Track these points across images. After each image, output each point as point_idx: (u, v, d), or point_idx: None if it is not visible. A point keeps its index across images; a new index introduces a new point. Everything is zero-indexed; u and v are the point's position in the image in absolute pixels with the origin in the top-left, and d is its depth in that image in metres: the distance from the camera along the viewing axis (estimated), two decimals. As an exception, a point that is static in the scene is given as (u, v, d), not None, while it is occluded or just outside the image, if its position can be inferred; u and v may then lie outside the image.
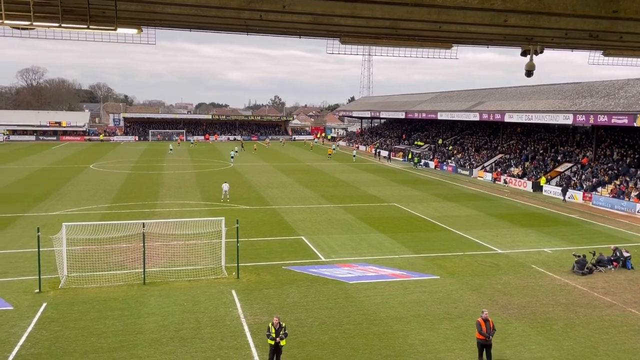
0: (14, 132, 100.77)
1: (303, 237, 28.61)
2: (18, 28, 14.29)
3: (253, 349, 15.61)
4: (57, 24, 12.68)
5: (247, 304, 18.96)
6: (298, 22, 16.56)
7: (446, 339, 16.54)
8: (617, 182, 42.25)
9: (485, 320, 14.80)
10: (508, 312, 18.78)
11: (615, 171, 44.63)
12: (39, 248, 20.23)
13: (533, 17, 15.50)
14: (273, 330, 14.37)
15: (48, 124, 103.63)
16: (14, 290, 19.81)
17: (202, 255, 23.24)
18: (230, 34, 20.57)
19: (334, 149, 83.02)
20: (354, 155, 74.76)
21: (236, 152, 72.19)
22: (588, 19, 15.73)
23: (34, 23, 12.53)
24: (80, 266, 21.73)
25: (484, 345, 14.75)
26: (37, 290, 19.70)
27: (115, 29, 13.63)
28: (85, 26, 12.96)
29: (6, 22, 12.53)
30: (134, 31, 16.46)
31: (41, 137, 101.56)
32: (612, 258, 24.17)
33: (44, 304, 18.52)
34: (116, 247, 23.59)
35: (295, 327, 16.91)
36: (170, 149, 79.55)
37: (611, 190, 41.53)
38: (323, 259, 24.79)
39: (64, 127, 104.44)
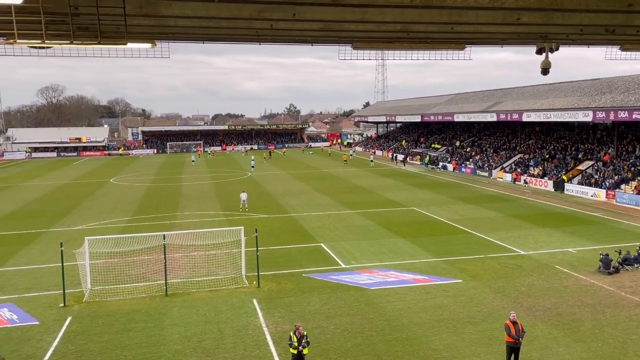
0: (35, 149, 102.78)
1: (322, 244, 28.55)
2: (33, 47, 14.57)
3: (276, 358, 15.57)
4: (68, 42, 12.89)
5: (268, 313, 18.95)
6: (309, 30, 16.63)
7: (471, 343, 16.30)
8: (641, 178, 41.40)
9: (514, 323, 14.57)
10: (533, 314, 18.46)
11: (639, 167, 43.73)
12: (62, 262, 20.50)
13: (546, 14, 15.34)
14: (295, 339, 14.32)
15: (68, 140, 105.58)
16: (40, 305, 20.10)
17: (223, 265, 23.32)
18: (243, 44, 20.74)
19: (350, 155, 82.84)
20: (372, 161, 74.52)
21: (253, 159, 72.81)
22: (603, 14, 15.52)
23: (46, 41, 12.73)
24: (103, 279, 22.00)
25: (513, 349, 14.53)
26: (62, 305, 19.96)
27: (125, 44, 13.82)
28: (97, 42, 13.16)
29: (19, 41, 12.73)
30: (147, 45, 16.69)
31: (62, 154, 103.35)
32: (637, 256, 23.62)
33: (69, 318, 18.74)
34: (138, 259, 23.82)
35: (318, 335, 16.84)
36: (193, 161, 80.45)
37: (635, 187, 40.69)
38: (343, 266, 24.70)
39: (84, 142, 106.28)
